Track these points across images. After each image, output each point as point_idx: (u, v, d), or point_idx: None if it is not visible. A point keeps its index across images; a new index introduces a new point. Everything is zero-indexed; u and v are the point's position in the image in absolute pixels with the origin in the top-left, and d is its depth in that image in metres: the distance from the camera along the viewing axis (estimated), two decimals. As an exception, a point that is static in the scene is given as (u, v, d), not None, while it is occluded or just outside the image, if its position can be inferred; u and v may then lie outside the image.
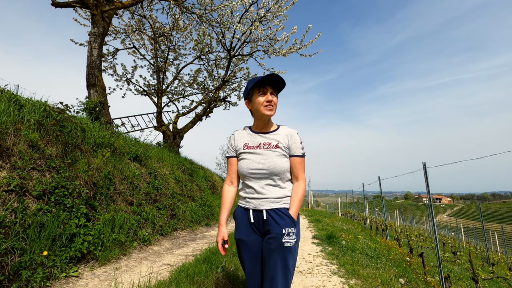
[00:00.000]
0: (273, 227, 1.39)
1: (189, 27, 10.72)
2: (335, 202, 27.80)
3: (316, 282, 3.25)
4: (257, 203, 1.45)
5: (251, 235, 1.47)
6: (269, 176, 1.45)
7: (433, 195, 20.17)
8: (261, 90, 1.48)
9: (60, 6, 6.75)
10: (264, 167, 1.44)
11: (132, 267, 3.33)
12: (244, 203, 1.52)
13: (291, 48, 9.91)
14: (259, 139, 1.52)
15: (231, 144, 1.59)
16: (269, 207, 1.43)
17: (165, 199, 5.56)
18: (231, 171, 1.57)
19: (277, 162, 1.44)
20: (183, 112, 12.24)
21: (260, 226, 1.46)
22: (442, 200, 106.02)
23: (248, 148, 1.51)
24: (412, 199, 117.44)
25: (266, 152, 1.47)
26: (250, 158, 1.48)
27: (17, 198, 2.70)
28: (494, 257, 13.10)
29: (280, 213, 1.42)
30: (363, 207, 13.33)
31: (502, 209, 68.75)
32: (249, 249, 1.46)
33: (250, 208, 1.47)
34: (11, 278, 2.28)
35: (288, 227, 1.39)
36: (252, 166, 1.46)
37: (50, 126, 3.66)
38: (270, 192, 1.45)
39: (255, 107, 1.50)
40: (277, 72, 9.67)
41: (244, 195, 1.53)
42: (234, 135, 1.61)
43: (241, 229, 1.49)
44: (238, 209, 1.56)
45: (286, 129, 1.55)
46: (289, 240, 1.37)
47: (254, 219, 1.46)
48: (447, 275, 3.77)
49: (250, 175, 1.47)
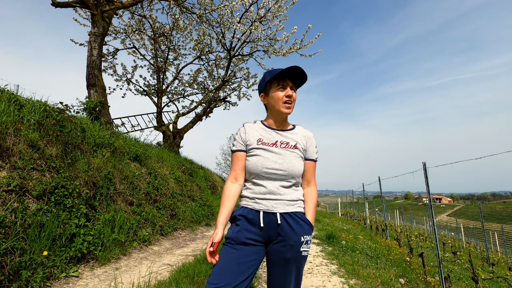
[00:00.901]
0: (289, 234, 1.24)
1: (189, 27, 10.72)
2: (335, 202, 27.80)
3: (316, 282, 3.25)
4: (270, 204, 1.27)
5: (252, 241, 1.24)
6: (285, 178, 1.30)
7: (433, 195, 20.18)
8: (280, 83, 1.33)
9: (60, 6, 6.75)
10: (282, 168, 1.29)
11: (132, 267, 3.33)
12: (251, 204, 1.30)
13: (291, 48, 9.91)
14: (276, 137, 1.36)
15: (241, 136, 1.38)
16: (284, 210, 1.27)
17: (165, 199, 5.56)
18: (237, 167, 1.36)
19: (295, 164, 1.31)
20: (183, 112, 12.24)
21: (270, 231, 1.26)
22: (442, 200, 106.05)
23: (263, 144, 1.33)
24: (412, 199, 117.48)
25: (283, 151, 1.32)
26: (266, 156, 1.31)
27: (17, 198, 2.70)
28: (494, 257, 13.10)
29: (297, 218, 1.27)
30: (363, 207, 13.33)
31: (502, 209, 68.76)
32: (240, 254, 1.21)
33: (261, 210, 1.27)
34: (11, 278, 2.28)
35: (306, 234, 1.26)
36: (268, 164, 1.29)
37: (50, 126, 3.66)
38: (284, 194, 1.29)
39: (272, 102, 1.35)
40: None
41: (251, 195, 1.32)
42: (244, 127, 1.40)
43: (241, 232, 1.25)
44: (242, 210, 1.32)
45: (303, 130, 1.43)
46: (306, 248, 1.26)
47: (264, 222, 1.25)
48: (447, 275, 3.77)
49: (264, 174, 1.29)
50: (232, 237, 1.25)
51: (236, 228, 1.27)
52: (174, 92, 12.40)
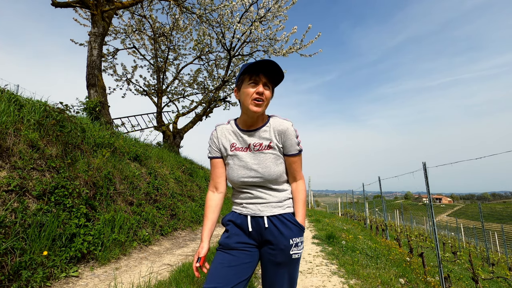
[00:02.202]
0: (278, 238, 1.20)
1: (189, 27, 10.73)
2: (335, 202, 27.81)
3: (316, 282, 3.25)
4: (256, 208, 1.23)
5: (245, 244, 1.23)
6: (264, 183, 1.24)
7: (433, 195, 20.18)
8: (252, 78, 1.19)
9: (60, 6, 6.75)
10: (258, 175, 1.22)
11: (132, 267, 3.33)
12: (239, 209, 1.28)
13: (291, 48, 9.91)
14: (248, 139, 1.26)
15: (214, 142, 1.31)
16: (271, 213, 1.22)
17: (165, 199, 5.56)
18: (215, 175, 1.31)
19: (271, 167, 1.23)
20: (183, 112, 12.24)
21: (259, 235, 1.23)
22: (442, 200, 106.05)
23: (236, 150, 1.26)
24: (412, 199, 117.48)
25: (258, 155, 1.24)
26: (239, 165, 1.25)
27: (17, 198, 2.70)
28: (494, 257, 13.10)
29: (285, 221, 1.23)
30: (363, 207, 13.33)
31: (502, 209, 68.76)
32: (233, 258, 1.20)
33: (248, 214, 1.24)
34: (11, 278, 2.28)
35: (296, 237, 1.21)
36: (243, 174, 1.24)
37: (50, 126, 3.66)
38: (270, 196, 1.25)
39: (242, 98, 1.22)
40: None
41: (238, 200, 1.29)
42: (216, 131, 1.32)
43: (231, 237, 1.25)
44: (232, 215, 1.30)
45: (277, 122, 1.26)
46: (297, 251, 1.21)
47: (252, 227, 1.22)
48: (447, 275, 3.77)
49: (242, 184, 1.26)
50: (223, 243, 1.24)
51: (227, 234, 1.27)
52: (174, 92, 12.41)
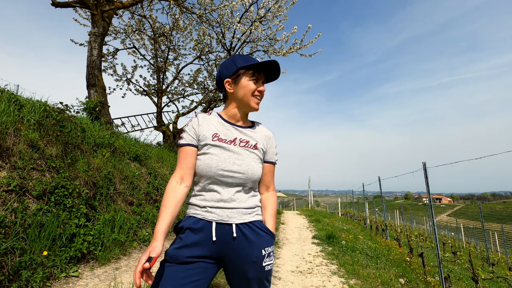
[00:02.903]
0: (248, 249, 1.07)
1: (189, 27, 10.73)
2: (335, 202, 27.81)
3: (316, 282, 3.26)
4: (224, 214, 1.08)
5: (199, 258, 1.05)
6: (243, 183, 1.13)
7: (433, 195, 20.18)
8: (255, 75, 1.18)
9: (60, 6, 6.75)
10: (240, 170, 1.11)
11: (132, 267, 3.33)
12: (202, 213, 1.10)
13: (291, 48, 9.92)
14: (235, 133, 1.18)
15: (194, 128, 1.16)
16: (241, 220, 1.09)
17: (165, 199, 5.56)
18: (186, 164, 1.13)
19: (255, 166, 1.15)
20: (183, 112, 12.25)
21: (224, 245, 1.07)
22: (442, 200, 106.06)
23: (219, 141, 1.14)
24: (412, 199, 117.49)
25: (243, 151, 1.15)
26: (221, 155, 1.11)
27: (17, 198, 2.70)
28: (494, 257, 13.10)
29: (256, 228, 1.11)
30: (363, 207, 13.33)
31: (502, 209, 68.76)
32: (180, 276, 1.00)
33: (213, 221, 1.08)
34: (11, 278, 2.28)
35: (268, 246, 1.11)
36: (224, 166, 1.10)
37: (50, 126, 3.66)
38: (241, 201, 1.12)
39: (241, 92, 1.17)
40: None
41: (202, 202, 1.12)
42: (198, 118, 1.19)
43: (183, 249, 1.05)
44: (189, 220, 1.11)
45: (263, 128, 1.27)
46: (269, 262, 1.11)
47: (217, 235, 1.06)
48: (447, 275, 3.77)
49: (219, 177, 1.10)
50: (170, 254, 1.04)
51: (179, 243, 1.06)
52: (174, 92, 12.41)
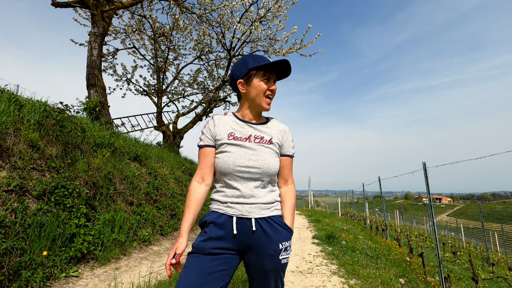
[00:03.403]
0: (266, 243, 1.13)
1: (189, 27, 10.73)
2: (335, 202, 27.81)
3: (316, 282, 3.26)
4: (244, 209, 1.15)
5: (222, 250, 1.13)
6: (260, 178, 1.18)
7: (433, 195, 20.19)
8: (266, 75, 1.22)
9: (60, 6, 6.75)
10: (256, 165, 1.17)
11: (132, 267, 3.33)
12: (223, 208, 1.17)
13: (291, 48, 9.91)
14: (249, 130, 1.23)
15: (210, 130, 1.24)
16: (259, 215, 1.15)
17: (165, 199, 5.56)
18: (205, 164, 1.22)
19: (271, 161, 1.20)
20: (183, 112, 12.25)
21: (244, 238, 1.14)
22: (442, 200, 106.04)
23: (235, 139, 1.20)
24: (412, 199, 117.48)
25: (258, 147, 1.20)
26: (237, 152, 1.18)
27: (17, 198, 2.70)
28: (494, 257, 13.10)
29: (274, 223, 1.17)
30: (363, 207, 13.33)
31: (502, 209, 68.75)
32: (207, 266, 1.08)
33: (234, 215, 1.14)
34: (11, 278, 2.28)
35: (285, 241, 1.17)
36: (240, 162, 1.16)
37: (50, 126, 3.66)
38: (259, 197, 1.18)
39: (253, 93, 1.22)
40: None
41: (223, 198, 1.19)
42: (214, 120, 1.26)
43: (208, 241, 1.13)
44: (212, 215, 1.19)
45: (277, 123, 1.32)
46: (286, 255, 1.17)
47: (237, 229, 1.13)
48: (447, 275, 3.77)
49: (237, 173, 1.16)
50: (197, 246, 1.13)
51: (203, 236, 1.15)
52: (174, 92, 12.41)
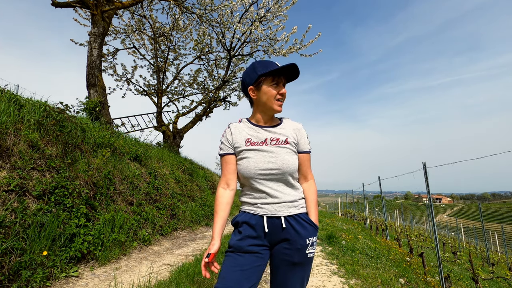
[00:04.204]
0: (295, 238, 1.22)
1: (189, 27, 10.73)
2: (335, 202, 27.79)
3: (316, 282, 3.26)
4: (273, 208, 1.23)
5: (257, 247, 1.22)
6: (281, 177, 1.26)
7: (433, 195, 20.18)
8: (275, 80, 1.28)
9: (60, 6, 6.75)
10: (276, 167, 1.23)
11: (132, 267, 3.33)
12: (254, 209, 1.26)
13: (291, 48, 9.91)
14: (265, 134, 1.30)
15: (228, 139, 1.32)
16: (288, 213, 1.24)
17: (165, 199, 5.56)
18: (228, 171, 1.31)
19: (289, 160, 1.26)
20: (183, 112, 12.24)
21: (275, 235, 1.24)
22: (442, 200, 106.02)
23: (252, 145, 1.27)
24: (412, 199, 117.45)
25: (275, 149, 1.26)
26: (256, 157, 1.25)
27: (17, 198, 2.70)
28: (494, 257, 13.10)
29: (301, 220, 1.25)
30: (363, 207, 13.33)
31: (502, 209, 68.74)
32: (244, 261, 1.18)
33: (264, 215, 1.23)
34: (11, 278, 2.28)
35: (311, 236, 1.25)
36: (261, 166, 1.24)
37: (50, 126, 3.65)
38: (285, 195, 1.26)
39: (264, 98, 1.28)
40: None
41: (252, 200, 1.28)
42: (230, 128, 1.34)
43: (244, 239, 1.23)
44: (245, 215, 1.28)
45: (291, 122, 1.38)
46: (312, 250, 1.25)
47: (269, 227, 1.22)
48: (447, 275, 3.76)
49: (259, 176, 1.24)
50: (235, 245, 1.22)
51: (239, 236, 1.24)
52: (174, 92, 12.41)
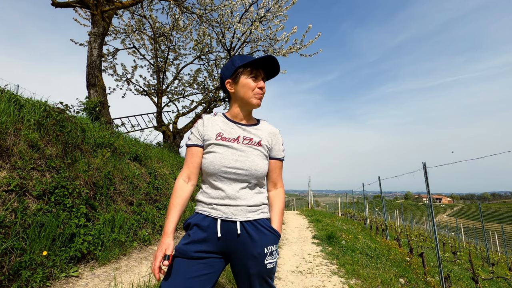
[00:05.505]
0: (251, 246, 1.10)
1: (189, 27, 10.73)
2: (335, 202, 27.81)
3: (316, 282, 3.26)
4: (229, 211, 1.12)
5: (206, 253, 1.10)
6: (246, 179, 1.16)
7: (433, 195, 20.18)
8: (253, 72, 1.20)
9: (60, 6, 6.75)
10: (243, 167, 1.14)
11: (132, 267, 3.33)
12: (208, 210, 1.14)
13: (291, 48, 9.91)
14: (238, 131, 1.21)
15: (198, 130, 1.22)
16: (245, 218, 1.12)
17: (165, 199, 5.56)
18: (191, 164, 1.20)
19: (258, 163, 1.17)
20: (183, 112, 12.25)
21: (228, 241, 1.11)
22: (442, 200, 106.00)
23: (222, 140, 1.18)
24: (412, 199, 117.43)
25: (246, 148, 1.18)
26: (224, 153, 1.15)
27: (17, 198, 2.70)
28: (494, 257, 13.10)
29: (260, 227, 1.14)
30: (363, 207, 13.33)
31: (502, 209, 68.73)
32: (190, 269, 1.06)
33: (218, 218, 1.12)
34: (11, 278, 2.28)
35: (270, 245, 1.13)
36: (227, 163, 1.14)
37: (50, 126, 3.66)
38: (245, 198, 1.14)
39: (241, 91, 1.20)
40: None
41: (208, 199, 1.16)
42: (203, 119, 1.25)
43: (191, 244, 1.10)
44: (197, 217, 1.16)
45: (268, 125, 1.29)
46: (272, 260, 1.13)
47: (221, 232, 1.10)
48: (447, 275, 3.77)
49: (223, 174, 1.14)
50: (179, 250, 1.10)
51: (187, 239, 1.12)
52: (174, 92, 12.41)
